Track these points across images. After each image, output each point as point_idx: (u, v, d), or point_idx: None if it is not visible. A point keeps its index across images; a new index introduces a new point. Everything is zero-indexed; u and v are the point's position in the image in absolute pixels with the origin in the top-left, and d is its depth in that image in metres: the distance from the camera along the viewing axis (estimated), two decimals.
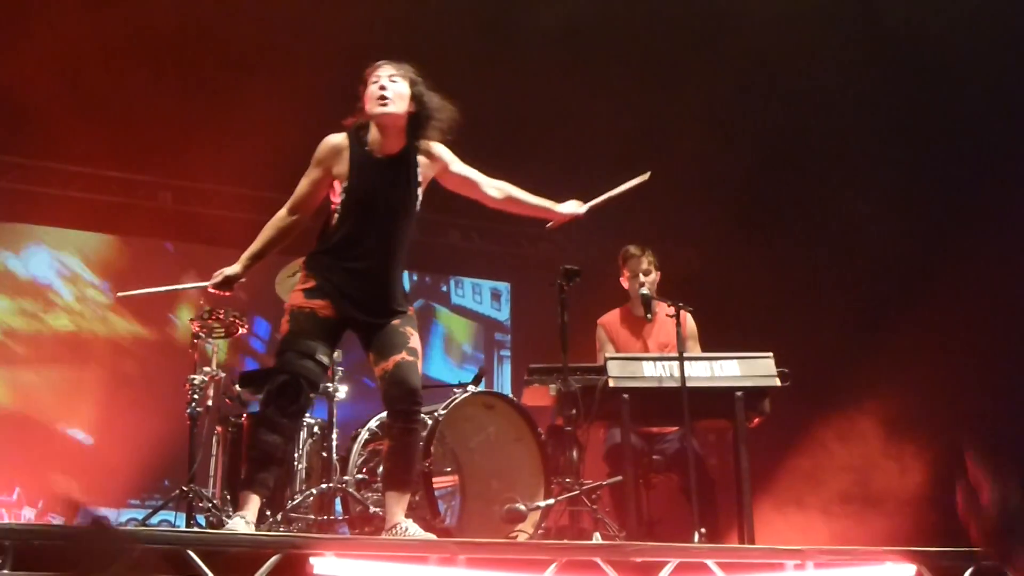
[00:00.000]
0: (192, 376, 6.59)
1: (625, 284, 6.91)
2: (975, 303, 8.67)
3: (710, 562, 4.81)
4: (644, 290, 6.72)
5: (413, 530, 4.87)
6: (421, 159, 5.10)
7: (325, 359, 4.95)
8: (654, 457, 6.59)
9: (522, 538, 5.88)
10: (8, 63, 8.21)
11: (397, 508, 4.96)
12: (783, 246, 9.56)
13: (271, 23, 8.28)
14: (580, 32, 8.87)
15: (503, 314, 11.41)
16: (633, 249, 6.89)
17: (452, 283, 11.32)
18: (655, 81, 9.13)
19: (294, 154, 5.42)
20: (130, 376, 9.52)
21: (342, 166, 5.01)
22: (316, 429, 6.52)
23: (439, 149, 5.15)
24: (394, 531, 4.87)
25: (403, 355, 4.94)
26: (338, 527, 6.34)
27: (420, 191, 5.11)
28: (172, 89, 8.59)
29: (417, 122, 5.05)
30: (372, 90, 5.01)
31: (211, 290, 5.29)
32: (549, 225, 5.54)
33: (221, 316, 6.60)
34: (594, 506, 6.00)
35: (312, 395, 4.97)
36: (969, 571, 5.10)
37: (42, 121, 8.55)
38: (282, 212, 5.10)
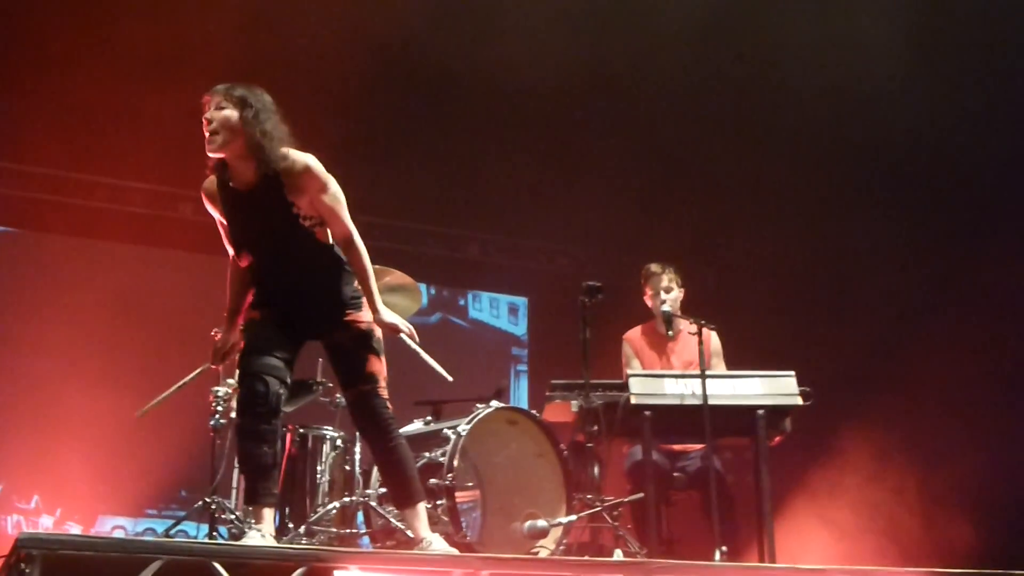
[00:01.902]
0: (216, 388, 6.60)
1: (648, 302, 6.92)
2: (999, 317, 8.68)
3: None
4: (665, 307, 6.73)
5: (437, 544, 4.88)
6: (288, 180, 4.75)
7: (283, 354, 4.84)
8: (675, 474, 6.59)
9: (543, 554, 5.90)
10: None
11: (418, 523, 4.97)
12: (809, 262, 9.58)
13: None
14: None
15: (520, 329, 11.41)
16: (654, 267, 6.90)
17: (470, 297, 11.33)
18: (677, 98, 9.17)
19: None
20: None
21: (219, 209, 4.93)
22: (339, 442, 6.53)
23: (312, 170, 4.77)
24: (420, 546, 4.88)
25: (359, 386, 4.91)
26: (360, 541, 6.36)
27: (297, 211, 4.78)
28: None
29: (254, 146, 4.72)
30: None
31: (214, 367, 5.36)
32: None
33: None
34: (615, 523, 6.00)
35: (281, 392, 4.80)
36: None
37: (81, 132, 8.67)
38: (231, 263, 5.04)
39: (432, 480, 5.88)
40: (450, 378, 5.32)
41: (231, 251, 5.01)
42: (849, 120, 9.08)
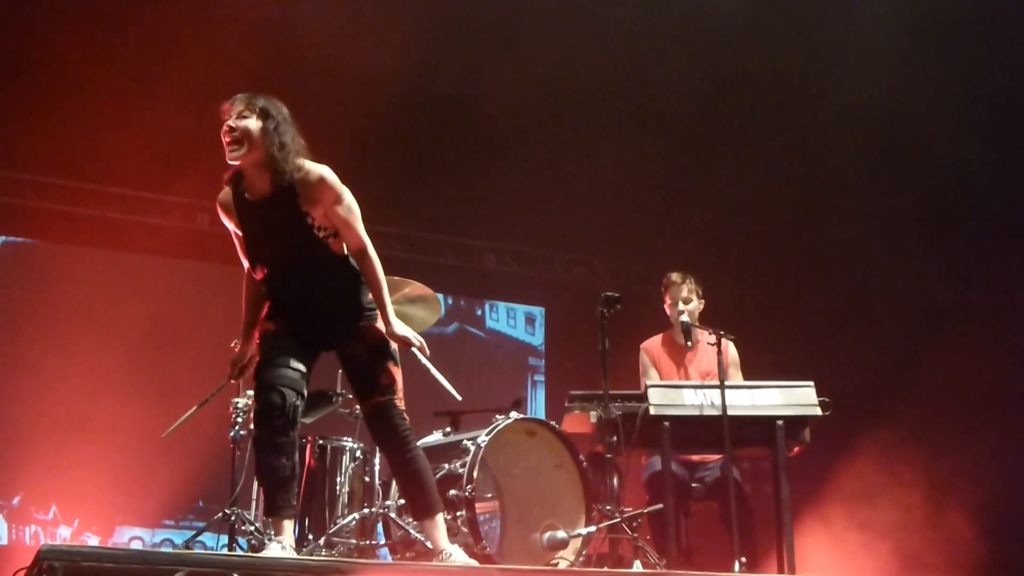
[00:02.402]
0: (235, 400, 6.60)
1: (668, 311, 6.91)
2: (1017, 328, 8.67)
3: None
4: (684, 317, 6.71)
5: (457, 556, 4.87)
6: (303, 191, 4.78)
7: (299, 365, 4.83)
8: (694, 485, 6.58)
9: (563, 565, 5.88)
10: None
11: (437, 534, 4.96)
12: (826, 273, 9.57)
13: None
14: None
15: (537, 339, 11.41)
16: (675, 276, 6.88)
17: (487, 307, 11.33)
18: (695, 108, 9.17)
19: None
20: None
21: (234, 221, 4.94)
22: (359, 454, 6.54)
23: (327, 181, 4.80)
24: (440, 557, 4.87)
25: (376, 397, 4.92)
26: (379, 552, 6.36)
27: (311, 221, 4.80)
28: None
29: (272, 157, 4.74)
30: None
31: (234, 382, 5.37)
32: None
33: None
34: (634, 534, 5.99)
35: (298, 403, 4.79)
36: None
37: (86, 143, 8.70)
38: (247, 275, 5.03)
39: (451, 491, 5.89)
40: (459, 396, 5.30)
41: (246, 263, 5.02)
42: (867, 131, 9.08)
